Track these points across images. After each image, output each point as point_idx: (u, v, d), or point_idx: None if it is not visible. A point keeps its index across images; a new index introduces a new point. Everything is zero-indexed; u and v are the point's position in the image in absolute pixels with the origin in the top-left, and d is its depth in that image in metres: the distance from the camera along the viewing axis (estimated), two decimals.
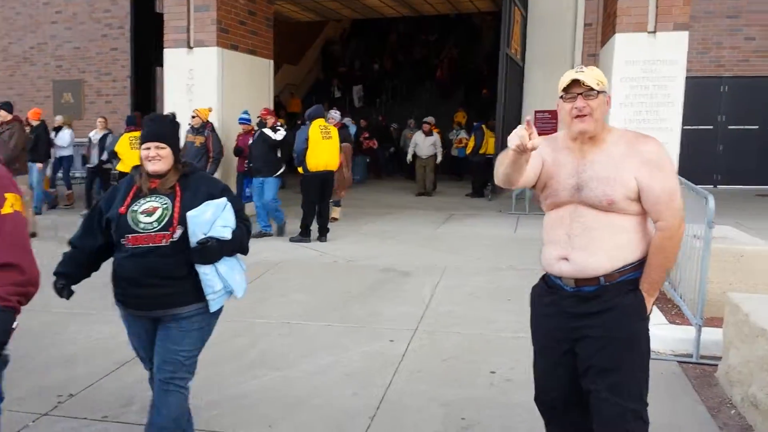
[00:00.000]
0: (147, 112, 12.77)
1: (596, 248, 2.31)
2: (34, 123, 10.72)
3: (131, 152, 9.31)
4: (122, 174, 9.65)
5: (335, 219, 9.91)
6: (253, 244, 3.05)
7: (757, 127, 14.77)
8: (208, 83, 10.05)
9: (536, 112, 15.54)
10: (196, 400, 3.76)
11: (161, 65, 10.43)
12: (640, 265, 2.36)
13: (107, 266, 2.90)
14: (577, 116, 2.29)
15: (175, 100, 10.20)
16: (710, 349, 4.27)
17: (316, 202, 8.58)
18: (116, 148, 9.80)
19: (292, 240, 8.50)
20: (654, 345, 4.49)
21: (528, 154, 2.15)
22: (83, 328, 5.07)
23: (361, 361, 4.37)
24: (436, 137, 13.75)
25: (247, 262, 3.03)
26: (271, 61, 11.75)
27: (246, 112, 9.81)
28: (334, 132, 8.68)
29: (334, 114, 10.32)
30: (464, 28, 23.27)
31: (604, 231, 2.31)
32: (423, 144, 13.61)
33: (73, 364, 4.35)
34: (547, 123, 15.51)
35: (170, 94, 10.28)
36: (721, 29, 14.65)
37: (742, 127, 14.82)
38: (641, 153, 2.31)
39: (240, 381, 4.06)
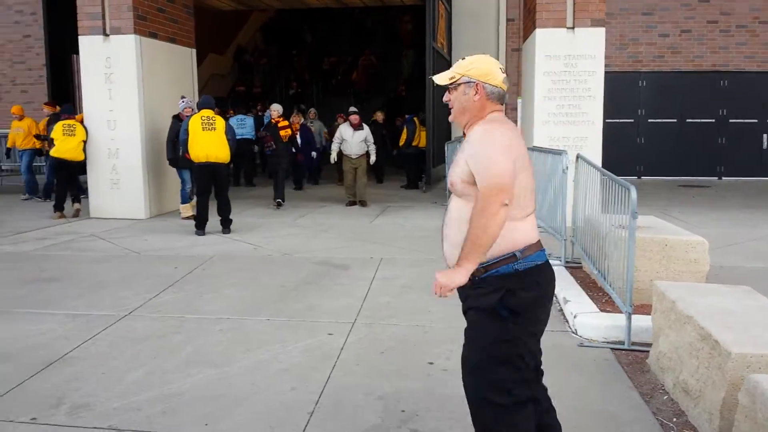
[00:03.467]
0: (65, 101, 12.22)
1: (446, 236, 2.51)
2: None
3: (63, 138, 9.64)
4: (55, 159, 9.80)
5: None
6: (185, 239, 2.93)
7: (675, 120, 15.38)
8: (126, 71, 9.76)
9: None
10: (138, 396, 3.65)
11: (78, 53, 10.01)
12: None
13: (25, 265, 2.74)
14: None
15: (93, 89, 9.89)
16: (641, 336, 4.38)
17: (203, 194, 8.42)
18: (52, 135, 9.80)
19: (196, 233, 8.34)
20: (586, 333, 4.65)
21: None
22: (8, 327, 4.83)
23: (300, 355, 4.31)
24: (367, 131, 11.21)
25: (181, 256, 2.91)
26: (193, 50, 11.45)
27: None
28: (220, 124, 8.46)
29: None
30: (383, 43, 23.24)
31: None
32: (352, 140, 11.03)
33: None
34: None
35: (88, 83, 9.95)
36: (637, 26, 15.23)
37: (661, 120, 15.41)
38: (468, 137, 2.49)
39: (177, 378, 3.93)
